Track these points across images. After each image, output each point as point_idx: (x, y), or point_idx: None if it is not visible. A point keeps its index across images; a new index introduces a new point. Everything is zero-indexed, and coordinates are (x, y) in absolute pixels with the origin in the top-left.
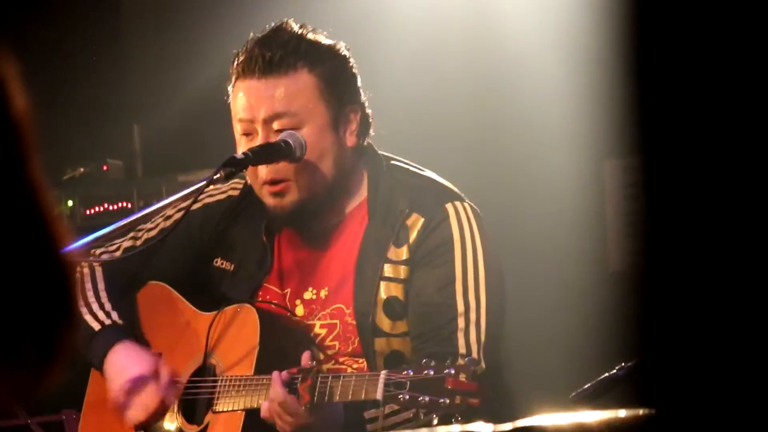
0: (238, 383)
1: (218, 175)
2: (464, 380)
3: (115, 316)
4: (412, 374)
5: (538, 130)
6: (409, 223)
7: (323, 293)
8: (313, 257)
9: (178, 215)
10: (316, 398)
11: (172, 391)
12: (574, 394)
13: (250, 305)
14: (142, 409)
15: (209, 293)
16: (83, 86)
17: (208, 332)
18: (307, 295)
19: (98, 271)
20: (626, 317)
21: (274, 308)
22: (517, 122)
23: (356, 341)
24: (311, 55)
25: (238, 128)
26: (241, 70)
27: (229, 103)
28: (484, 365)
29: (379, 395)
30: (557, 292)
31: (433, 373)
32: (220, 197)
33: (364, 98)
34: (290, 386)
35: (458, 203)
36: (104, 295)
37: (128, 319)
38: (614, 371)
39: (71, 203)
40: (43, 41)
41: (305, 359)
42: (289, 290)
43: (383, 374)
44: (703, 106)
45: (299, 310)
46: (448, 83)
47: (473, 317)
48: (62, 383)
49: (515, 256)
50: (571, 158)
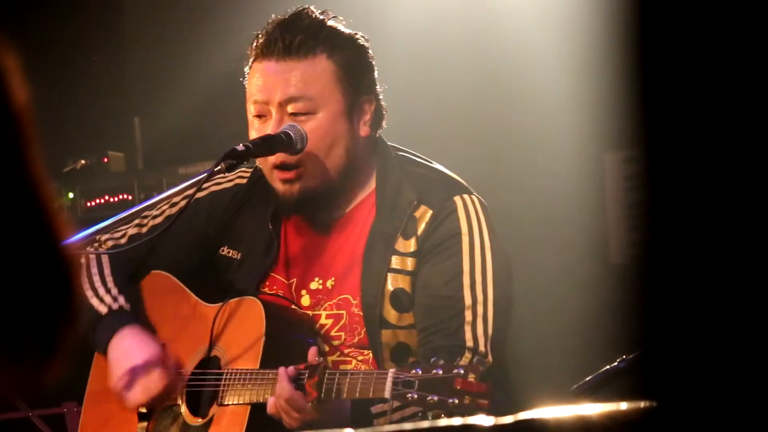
0: (243, 376)
1: (219, 167)
2: (473, 381)
3: (121, 300)
4: (420, 373)
5: (538, 122)
6: (417, 215)
7: (329, 283)
8: (320, 247)
9: (183, 203)
10: (323, 395)
11: (176, 378)
12: (575, 386)
13: (255, 297)
14: (143, 391)
15: (215, 282)
16: (84, 78)
17: (212, 324)
18: (313, 284)
19: (104, 257)
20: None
21: (279, 300)
22: (517, 115)
23: (362, 332)
24: (331, 41)
25: (251, 109)
26: (260, 51)
27: (244, 84)
28: (491, 359)
29: (387, 394)
30: (558, 284)
31: (442, 372)
32: (226, 185)
33: (379, 90)
34: (297, 382)
35: (466, 196)
36: (110, 279)
37: (134, 303)
38: (615, 364)
39: (72, 195)
40: (44, 34)
41: (312, 355)
42: (295, 280)
43: (391, 373)
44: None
45: (305, 299)
46: (449, 76)
47: (480, 310)
48: (63, 376)
49: (516, 248)
50: (571, 150)
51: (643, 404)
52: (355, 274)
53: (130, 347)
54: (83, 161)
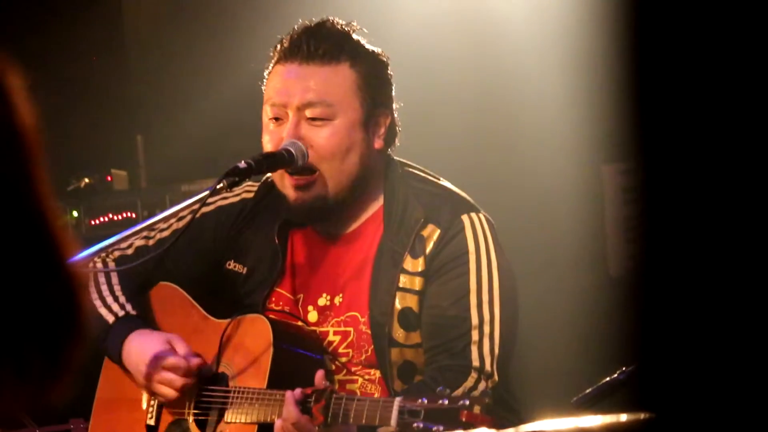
0: (251, 396)
1: (222, 183)
2: (479, 413)
3: (129, 307)
4: (426, 403)
5: (537, 135)
6: (425, 234)
7: (337, 300)
8: (328, 262)
9: (189, 217)
10: (329, 419)
11: (193, 362)
12: (575, 398)
13: (262, 315)
14: (170, 384)
15: (221, 295)
16: (87, 98)
17: (220, 340)
18: (321, 300)
19: (111, 267)
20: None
21: (286, 317)
22: (516, 128)
23: (370, 350)
24: (355, 51)
25: (268, 111)
26: (283, 54)
27: (261, 88)
28: (497, 378)
29: (393, 423)
30: (557, 297)
31: (448, 403)
32: (233, 200)
33: (395, 106)
34: (304, 406)
35: (474, 215)
36: (118, 288)
37: (142, 310)
38: (615, 376)
39: (76, 214)
40: (48, 56)
41: (319, 379)
42: (302, 295)
43: (398, 401)
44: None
45: (312, 316)
46: (447, 91)
47: (487, 330)
48: (70, 393)
49: (515, 261)
50: (569, 163)
51: (642, 416)
52: (363, 291)
53: (143, 347)
54: (87, 180)
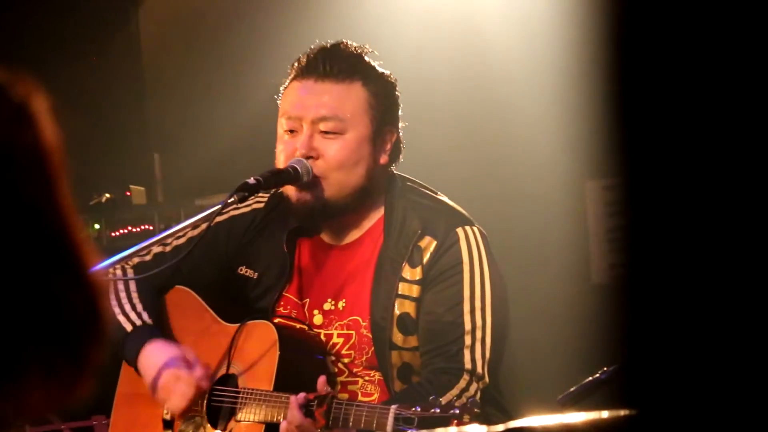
0: (259, 397)
1: (232, 198)
2: (467, 421)
3: (145, 316)
4: (420, 411)
5: (527, 153)
6: (422, 244)
7: (341, 305)
8: (332, 270)
9: (204, 226)
10: (330, 423)
11: (204, 375)
12: (560, 396)
13: (269, 322)
14: (180, 397)
15: (233, 298)
16: (108, 120)
17: (230, 344)
18: (326, 305)
19: (130, 275)
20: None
21: (292, 322)
22: (507, 146)
23: (370, 352)
24: (367, 72)
25: (283, 124)
26: (300, 71)
27: (277, 102)
28: (488, 380)
29: (389, 428)
30: (544, 303)
31: (439, 411)
32: (245, 210)
33: (401, 125)
34: (307, 410)
35: (468, 228)
36: (136, 296)
37: (158, 318)
38: (597, 375)
39: (97, 226)
40: (72, 81)
41: (321, 385)
42: (308, 300)
43: (393, 409)
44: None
45: (317, 319)
46: (444, 113)
47: (479, 335)
48: (92, 393)
49: (505, 270)
50: (556, 179)
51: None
52: (364, 297)
53: (157, 357)
54: (107, 195)
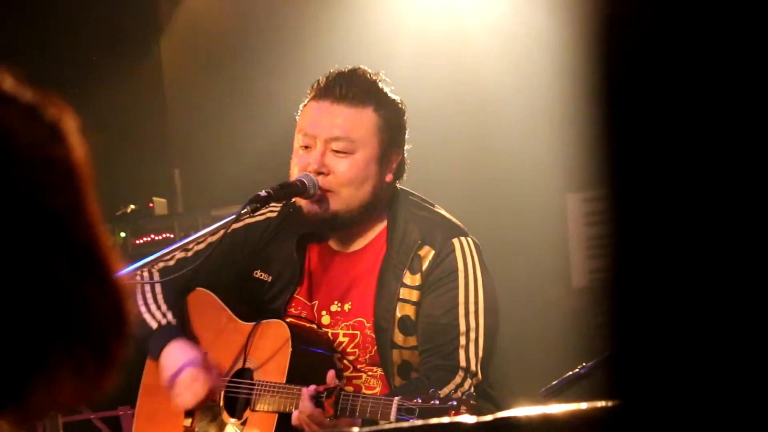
0: (273, 389)
1: (246, 209)
2: (464, 412)
3: (170, 316)
4: (421, 402)
5: (513, 170)
6: (421, 253)
7: (347, 307)
8: (339, 275)
9: (222, 233)
10: (338, 413)
11: (217, 381)
12: (543, 389)
13: (282, 321)
14: (192, 395)
15: (248, 299)
16: (133, 138)
17: (247, 341)
18: (333, 307)
19: (156, 277)
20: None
21: (302, 322)
22: (498, 165)
23: (373, 351)
24: (379, 98)
25: (299, 139)
26: (318, 92)
27: (296, 118)
28: (480, 376)
29: (392, 418)
30: (530, 305)
31: (438, 403)
32: (259, 218)
33: (406, 147)
34: (317, 401)
35: (463, 238)
36: (161, 298)
37: (181, 318)
38: (576, 370)
39: (123, 235)
40: (101, 103)
41: (330, 378)
42: (317, 302)
43: (397, 400)
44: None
45: (325, 319)
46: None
47: (473, 336)
48: (118, 385)
49: (495, 276)
50: (540, 192)
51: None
52: (368, 300)
53: (178, 357)
54: (132, 206)
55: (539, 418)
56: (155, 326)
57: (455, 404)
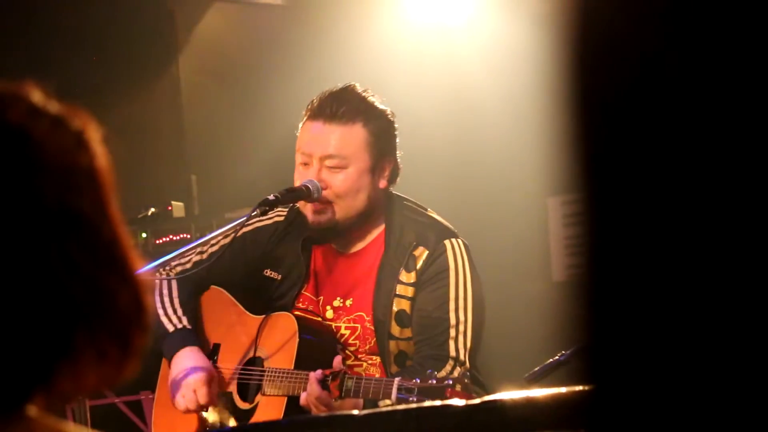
0: (281, 374)
1: (256, 212)
2: (460, 390)
3: (185, 320)
4: (419, 383)
5: (498, 176)
6: (416, 253)
7: (348, 302)
8: (341, 273)
9: (233, 235)
10: (343, 394)
11: (214, 396)
12: (527, 375)
13: (290, 313)
14: (189, 402)
15: (258, 296)
16: (153, 148)
17: (257, 332)
18: (336, 302)
19: (173, 280)
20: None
21: (308, 314)
22: (482, 171)
23: (373, 342)
24: (367, 114)
25: (298, 157)
26: (312, 113)
27: (296, 136)
28: (468, 365)
29: (393, 398)
30: (514, 297)
31: (435, 383)
32: (267, 222)
33: (398, 153)
34: (323, 383)
35: (454, 240)
36: (177, 301)
37: (194, 320)
38: (556, 357)
39: (144, 235)
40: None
41: (337, 363)
42: (322, 298)
43: (397, 381)
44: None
45: (329, 313)
46: (425, 139)
47: (462, 329)
48: (138, 373)
49: (480, 271)
50: (523, 196)
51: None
52: (368, 296)
53: (187, 364)
54: (153, 209)
55: (523, 400)
56: (171, 329)
57: (451, 383)
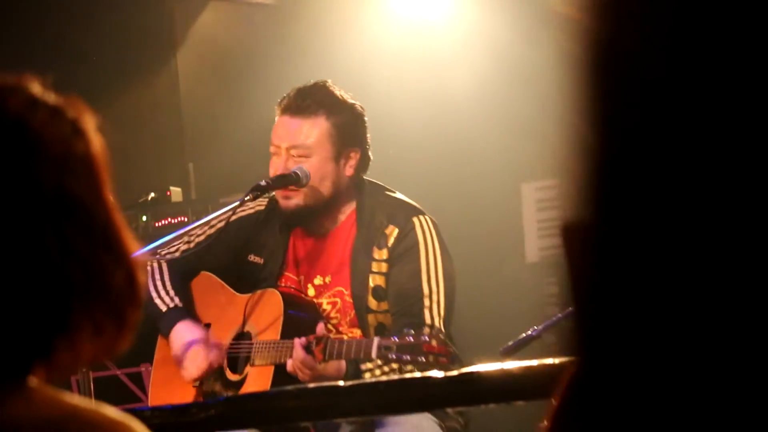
0: (268, 345)
1: (248, 197)
2: (435, 345)
3: (177, 300)
4: (397, 340)
5: (475, 163)
6: (387, 232)
7: (327, 279)
8: (318, 253)
9: (220, 225)
10: (326, 357)
11: (217, 355)
12: (501, 348)
13: (274, 289)
14: (195, 368)
15: (245, 279)
16: (153, 136)
17: (244, 308)
18: (316, 280)
19: (164, 266)
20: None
21: (292, 291)
22: (460, 158)
23: (352, 314)
24: (331, 107)
25: (271, 148)
26: (282, 108)
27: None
28: (444, 331)
29: (374, 355)
30: (490, 277)
31: (412, 339)
32: (250, 212)
33: (368, 144)
34: (308, 349)
35: (422, 217)
36: (168, 284)
37: (186, 301)
38: (529, 332)
39: (145, 218)
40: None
41: (320, 329)
42: (302, 277)
43: (376, 339)
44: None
45: (311, 291)
46: (405, 129)
47: (435, 298)
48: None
49: (457, 252)
50: (498, 182)
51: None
52: (345, 272)
53: (184, 335)
54: (152, 194)
55: (498, 372)
56: (164, 309)
57: (427, 339)
